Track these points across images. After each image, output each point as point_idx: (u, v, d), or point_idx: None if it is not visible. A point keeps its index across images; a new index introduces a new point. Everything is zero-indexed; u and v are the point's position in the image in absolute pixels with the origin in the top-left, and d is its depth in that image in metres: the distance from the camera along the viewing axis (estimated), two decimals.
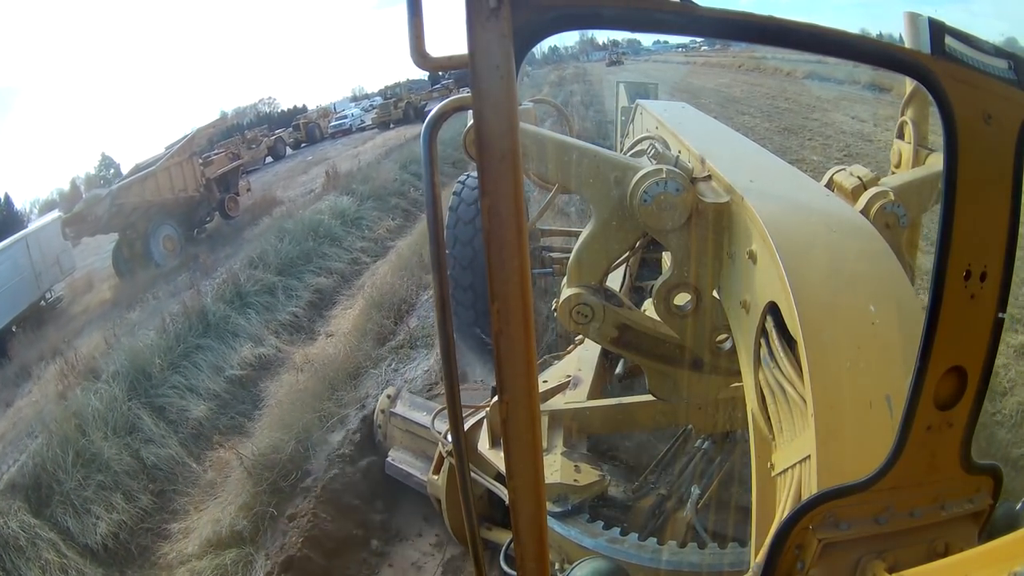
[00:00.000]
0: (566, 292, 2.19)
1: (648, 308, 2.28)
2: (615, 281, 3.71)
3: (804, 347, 1.26)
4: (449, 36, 0.84)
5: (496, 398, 2.42)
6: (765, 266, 1.53)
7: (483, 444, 2.73)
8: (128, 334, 8.78)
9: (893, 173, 2.58)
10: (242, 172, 17.92)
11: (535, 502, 0.88)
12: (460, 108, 1.13)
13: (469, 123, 2.09)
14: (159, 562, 4.45)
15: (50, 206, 18.36)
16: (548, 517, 1.84)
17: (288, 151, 27.06)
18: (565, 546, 2.27)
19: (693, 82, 26.50)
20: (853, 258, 1.54)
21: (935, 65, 0.92)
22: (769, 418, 1.43)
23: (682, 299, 2.05)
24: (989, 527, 1.10)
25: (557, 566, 2.24)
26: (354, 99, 37.17)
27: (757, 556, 1.12)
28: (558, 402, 2.89)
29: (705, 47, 41.08)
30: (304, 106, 33.96)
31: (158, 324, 8.08)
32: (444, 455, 2.96)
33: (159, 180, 14.95)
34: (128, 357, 7.02)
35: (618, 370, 3.09)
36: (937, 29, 0.93)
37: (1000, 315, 0.98)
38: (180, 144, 15.82)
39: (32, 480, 5.27)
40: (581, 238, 2.17)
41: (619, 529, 2.25)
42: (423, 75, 30.94)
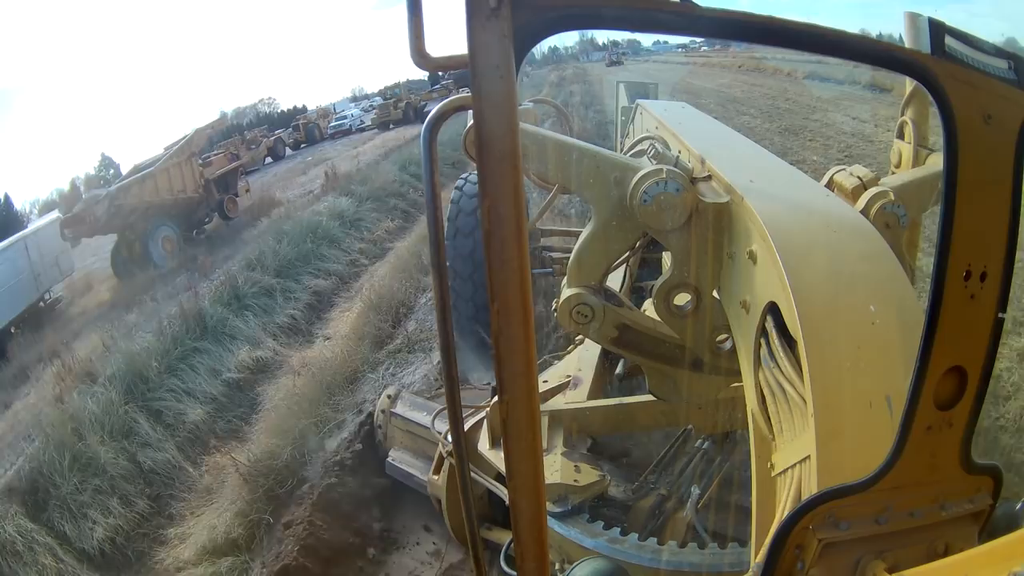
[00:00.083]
0: (566, 292, 2.18)
1: (648, 308, 2.28)
2: (615, 281, 3.71)
3: (804, 347, 1.26)
4: (449, 36, 0.84)
5: (496, 398, 2.42)
6: (765, 266, 1.53)
7: (483, 444, 2.73)
8: (126, 336, 8.76)
9: (893, 173, 2.58)
10: (241, 173, 17.88)
11: (535, 502, 0.88)
12: (460, 108, 1.13)
13: (469, 123, 2.09)
14: (156, 568, 4.43)
15: (50, 206, 18.41)
16: (548, 517, 1.84)
17: (287, 152, 27.10)
18: (565, 546, 2.27)
19: (693, 82, 26.49)
20: (853, 258, 1.54)
21: (935, 65, 0.92)
22: (769, 418, 1.43)
23: (682, 299, 2.05)
24: (989, 527, 1.10)
25: (557, 566, 2.23)
26: (354, 99, 37.24)
27: (757, 556, 1.12)
28: (558, 402, 2.89)
29: (705, 47, 41.14)
30: (304, 106, 34.05)
31: (155, 326, 8.05)
32: (444, 455, 2.96)
33: (158, 181, 14.91)
34: (125, 360, 6.99)
35: (618, 370, 3.08)
36: (937, 29, 0.93)
37: (1000, 315, 0.98)
38: (179, 145, 15.78)
39: (29, 484, 5.26)
40: (581, 238, 2.17)
41: (619, 529, 2.24)
42: (423, 75, 31.00)
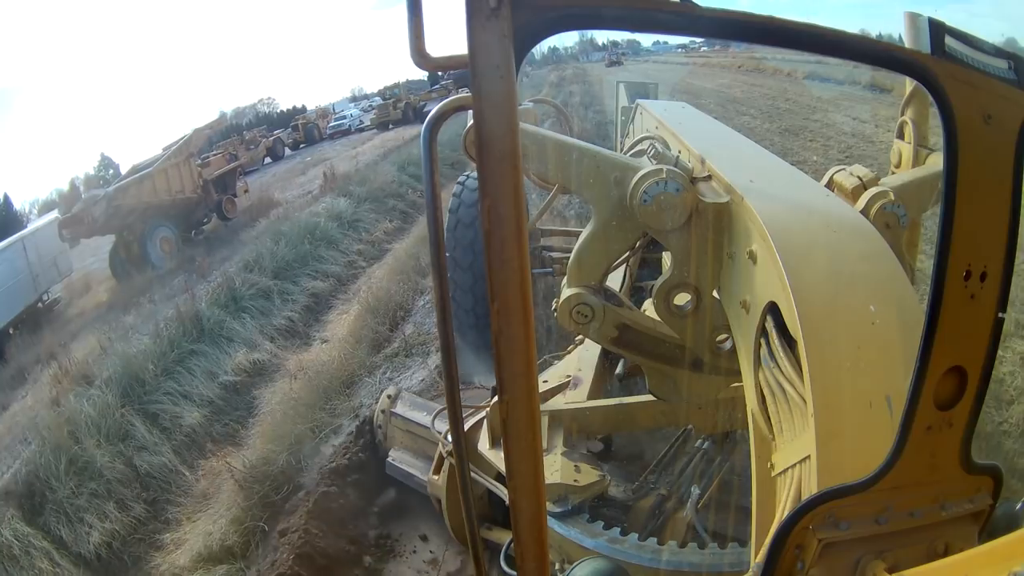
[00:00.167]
0: (566, 292, 2.18)
1: (648, 308, 2.28)
2: (615, 281, 3.71)
3: (804, 347, 1.26)
4: (449, 36, 0.84)
5: (496, 398, 2.42)
6: (765, 266, 1.53)
7: (483, 444, 2.73)
8: (123, 338, 8.73)
9: (893, 173, 2.58)
10: (240, 173, 17.86)
11: (535, 502, 0.88)
12: (460, 108, 1.13)
13: (469, 123, 2.09)
14: (152, 573, 4.41)
15: (49, 206, 18.38)
16: (548, 517, 1.84)
17: (287, 152, 27.05)
18: (565, 546, 2.27)
19: (693, 83, 26.47)
20: (853, 258, 1.54)
21: (935, 65, 0.92)
22: (769, 418, 1.43)
23: (682, 299, 2.05)
24: (989, 527, 1.10)
25: (557, 566, 2.23)
26: (353, 99, 37.21)
27: (757, 556, 1.12)
28: (558, 402, 2.89)
29: (705, 47, 41.12)
30: (303, 106, 34.01)
31: (152, 329, 8.00)
32: (444, 455, 2.95)
33: (156, 181, 14.87)
34: (121, 362, 6.95)
35: (618, 370, 3.08)
36: (937, 29, 0.93)
37: (1000, 315, 0.98)
38: (177, 145, 15.74)
39: (25, 488, 5.24)
40: (581, 238, 2.17)
41: (619, 529, 2.24)
42: (422, 75, 30.97)
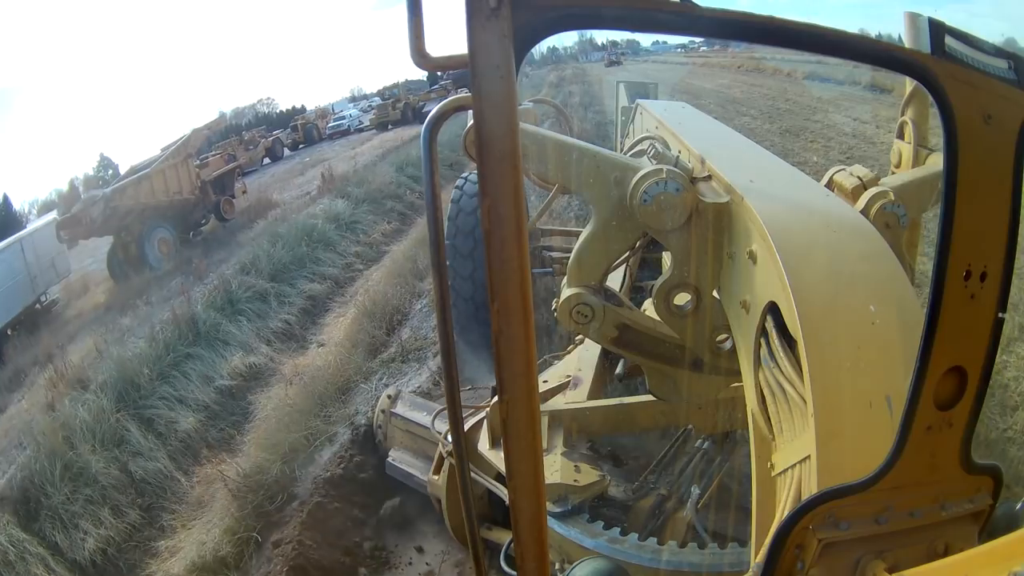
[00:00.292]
0: (566, 292, 2.18)
1: (648, 308, 2.28)
2: (615, 281, 3.71)
3: (804, 347, 1.26)
4: (449, 36, 0.84)
5: (496, 398, 2.42)
6: (765, 266, 1.53)
7: (483, 444, 2.73)
8: (119, 341, 8.68)
9: (893, 173, 2.58)
10: (239, 174, 17.81)
11: (535, 502, 0.88)
12: (460, 108, 1.14)
13: (469, 123, 2.09)
14: None
15: (49, 207, 18.35)
16: (548, 517, 1.84)
17: (286, 152, 27.03)
18: (565, 546, 2.27)
19: (693, 83, 26.44)
20: (853, 258, 1.54)
21: (935, 65, 0.92)
22: (769, 418, 1.43)
23: (682, 299, 2.05)
24: (989, 527, 1.10)
25: (557, 566, 2.23)
26: (352, 100, 37.21)
27: (757, 556, 1.12)
28: (558, 402, 2.89)
29: (704, 47, 41.14)
30: (303, 107, 34.01)
31: (148, 332, 7.93)
32: (444, 455, 2.95)
33: (154, 182, 14.81)
34: (117, 366, 6.89)
35: (618, 370, 3.08)
36: (937, 29, 0.93)
37: (1000, 315, 0.98)
38: (175, 146, 15.70)
39: (20, 493, 5.22)
40: (581, 238, 2.17)
41: (619, 529, 2.24)
42: (421, 75, 30.98)
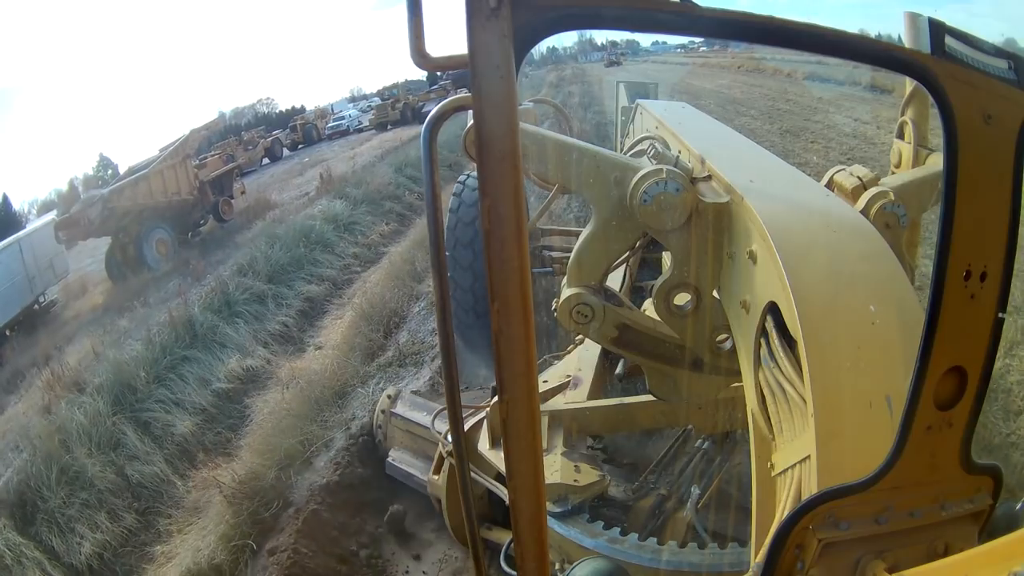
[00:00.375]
0: (566, 292, 2.18)
1: (648, 308, 2.28)
2: (615, 281, 3.71)
3: (804, 347, 1.26)
4: (449, 36, 0.84)
5: (496, 398, 2.42)
6: (765, 266, 1.53)
7: (483, 444, 2.73)
8: (116, 343, 8.62)
9: (893, 173, 2.58)
10: (238, 174, 17.76)
11: (535, 502, 0.88)
12: (460, 108, 1.14)
13: (469, 123, 2.09)
14: None
15: (49, 207, 18.31)
16: (548, 517, 1.84)
17: (285, 152, 26.98)
18: (565, 546, 2.27)
19: (692, 83, 26.42)
20: (853, 258, 1.54)
21: (935, 65, 0.92)
22: (769, 418, 1.43)
23: (682, 299, 2.05)
24: (989, 527, 1.10)
25: (557, 566, 2.23)
26: (352, 100, 37.16)
27: (757, 556, 1.12)
28: (558, 402, 2.89)
29: (704, 48, 41.14)
30: (303, 107, 33.96)
31: (144, 334, 7.86)
32: (444, 455, 2.95)
33: (152, 183, 14.74)
34: (113, 369, 6.85)
35: (618, 370, 3.08)
36: (937, 29, 0.93)
37: (1000, 315, 0.98)
38: (174, 146, 15.64)
39: (17, 497, 5.20)
40: (581, 238, 2.17)
41: (619, 529, 2.25)
42: (421, 76, 30.96)
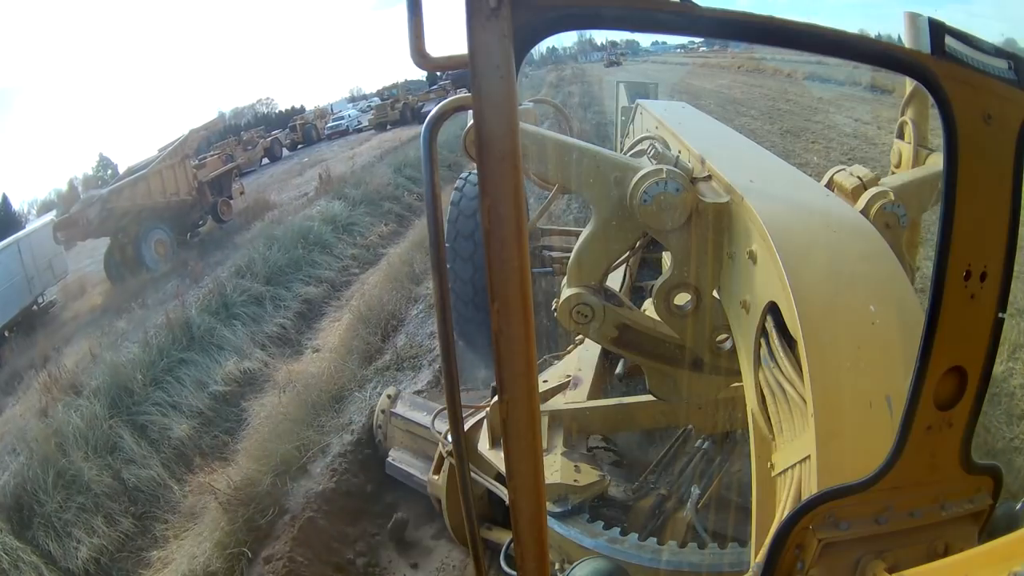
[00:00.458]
0: (566, 292, 2.18)
1: (648, 308, 2.28)
2: (615, 281, 3.71)
3: (804, 347, 1.26)
4: (449, 36, 0.84)
5: (496, 398, 2.42)
6: (765, 266, 1.53)
7: (483, 444, 2.73)
8: (114, 345, 8.59)
9: (893, 173, 2.58)
10: (237, 175, 17.68)
11: (535, 502, 0.88)
12: (460, 108, 1.14)
13: (469, 123, 2.09)
14: None
15: (48, 207, 18.27)
16: (548, 517, 1.84)
17: (284, 152, 26.96)
18: (565, 546, 2.27)
19: (692, 83, 26.41)
20: (853, 258, 1.54)
21: (935, 65, 0.92)
22: (769, 418, 1.43)
23: (682, 299, 2.05)
24: (989, 527, 1.10)
25: (557, 566, 2.23)
26: (352, 100, 37.15)
27: (757, 556, 1.12)
28: (558, 402, 2.89)
29: (704, 48, 41.16)
30: (302, 107, 33.95)
31: (141, 337, 7.83)
32: (444, 455, 2.96)
33: (151, 183, 14.67)
34: (110, 372, 6.81)
35: (618, 370, 3.08)
36: (937, 29, 0.93)
37: (1000, 315, 0.98)
38: (172, 147, 15.59)
39: (13, 501, 5.18)
40: (581, 238, 2.17)
41: (619, 529, 2.25)
42: (421, 76, 30.96)
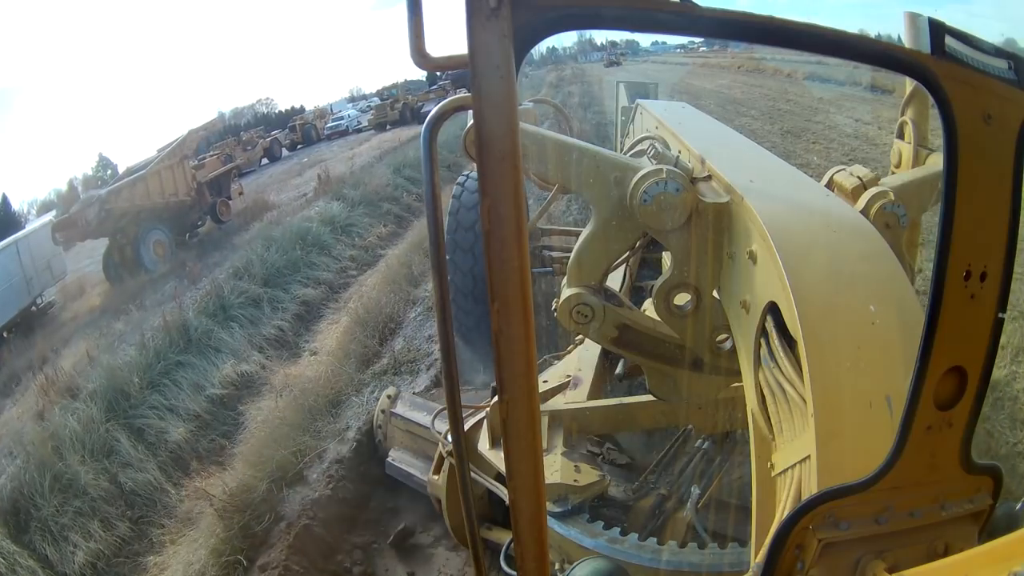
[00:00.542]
0: (566, 292, 2.18)
1: (648, 308, 2.28)
2: (615, 281, 3.71)
3: (804, 347, 1.26)
4: (449, 36, 0.84)
5: (496, 398, 2.42)
6: (765, 266, 1.53)
7: (483, 444, 2.73)
8: (111, 347, 8.56)
9: (893, 173, 2.58)
10: (236, 175, 17.69)
11: (535, 502, 0.88)
12: (460, 108, 1.14)
13: (469, 123, 2.09)
14: None
15: (48, 207, 18.33)
16: (548, 517, 1.84)
17: (284, 153, 26.98)
18: (565, 546, 2.27)
19: (692, 83, 26.41)
20: (853, 258, 1.54)
21: (935, 65, 0.92)
22: (769, 418, 1.43)
23: (682, 299, 2.05)
24: (989, 527, 1.10)
25: (557, 566, 2.24)
26: (351, 100, 37.21)
27: (757, 556, 1.12)
28: (558, 402, 2.89)
29: (704, 48, 41.19)
30: (302, 107, 33.99)
31: (138, 339, 7.80)
32: (444, 455, 2.95)
33: (149, 184, 14.66)
34: (107, 374, 6.79)
35: (618, 370, 3.08)
36: (937, 29, 0.93)
37: (1000, 315, 0.98)
38: (171, 147, 15.56)
39: (10, 505, 5.16)
40: (581, 238, 2.17)
41: (619, 529, 2.25)
42: (420, 75, 31.00)
